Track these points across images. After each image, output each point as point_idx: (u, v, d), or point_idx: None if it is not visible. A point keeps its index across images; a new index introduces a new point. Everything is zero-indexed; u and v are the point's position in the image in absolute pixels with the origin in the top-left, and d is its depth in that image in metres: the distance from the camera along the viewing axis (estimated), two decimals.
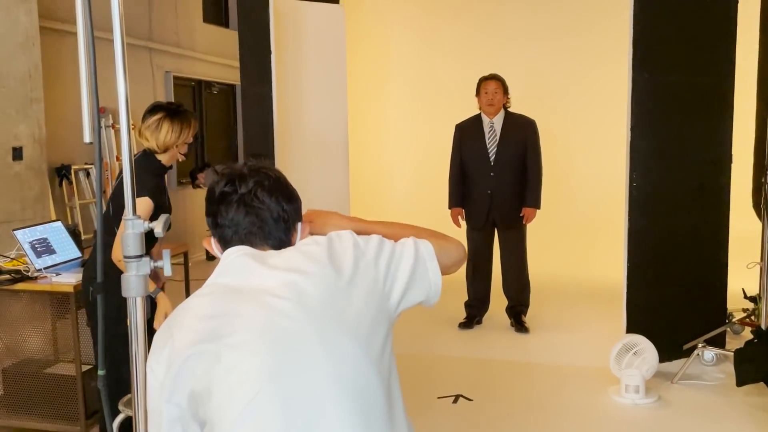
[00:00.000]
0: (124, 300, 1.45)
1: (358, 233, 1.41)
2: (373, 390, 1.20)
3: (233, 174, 1.36)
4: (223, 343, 1.17)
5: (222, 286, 1.27)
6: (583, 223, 7.28)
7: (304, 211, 1.47)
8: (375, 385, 1.21)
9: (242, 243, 1.33)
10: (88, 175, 6.34)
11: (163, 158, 2.94)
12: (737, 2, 4.06)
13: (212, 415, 1.16)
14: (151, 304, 2.85)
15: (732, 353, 3.67)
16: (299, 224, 1.40)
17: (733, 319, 4.47)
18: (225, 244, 1.36)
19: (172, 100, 7.61)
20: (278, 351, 1.17)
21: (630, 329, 3.90)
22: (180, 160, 3.03)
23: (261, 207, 1.33)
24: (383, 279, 1.30)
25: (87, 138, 1.39)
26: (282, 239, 1.36)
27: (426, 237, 1.43)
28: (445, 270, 1.41)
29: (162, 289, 3.00)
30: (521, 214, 4.83)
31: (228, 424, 1.14)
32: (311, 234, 1.42)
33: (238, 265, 1.28)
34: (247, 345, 1.17)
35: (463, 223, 5.02)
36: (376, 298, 1.28)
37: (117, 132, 6.48)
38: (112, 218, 2.79)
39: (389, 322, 1.30)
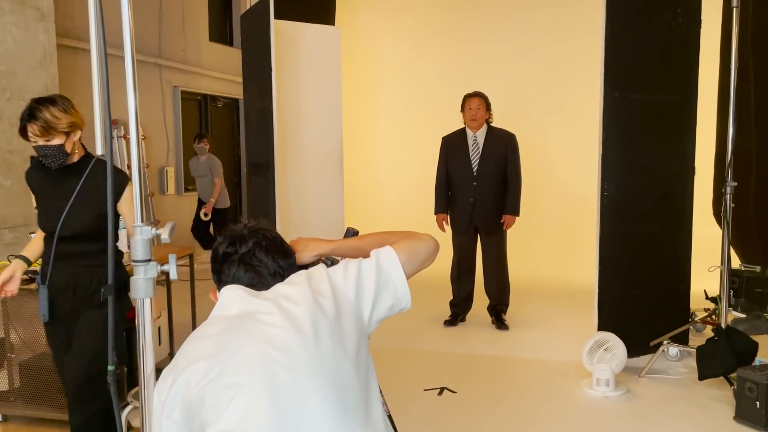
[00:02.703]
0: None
1: (336, 251, 1.55)
2: (350, 381, 1.23)
3: (234, 235, 1.42)
4: (217, 355, 1.20)
5: (221, 317, 1.31)
6: (559, 229, 7.30)
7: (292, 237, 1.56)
8: (352, 377, 1.24)
9: None
10: None
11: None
12: (700, 29, 4.09)
13: (206, 416, 1.17)
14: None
15: (695, 350, 3.68)
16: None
17: (696, 318, 4.48)
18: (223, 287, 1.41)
19: (180, 114, 7.62)
20: (265, 350, 1.20)
21: (601, 327, 3.90)
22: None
23: (259, 265, 1.39)
24: (354, 295, 1.36)
25: (99, 150, 1.38)
26: (264, 284, 1.41)
27: (396, 240, 1.48)
28: (419, 266, 1.47)
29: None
30: (501, 221, 4.84)
31: (221, 417, 1.14)
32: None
33: (234, 296, 1.33)
34: (238, 349, 1.20)
35: (449, 229, 5.02)
36: (350, 311, 1.33)
37: (128, 142, 6.45)
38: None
39: (362, 331, 1.34)
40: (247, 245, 1.40)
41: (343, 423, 1.17)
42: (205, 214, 7.16)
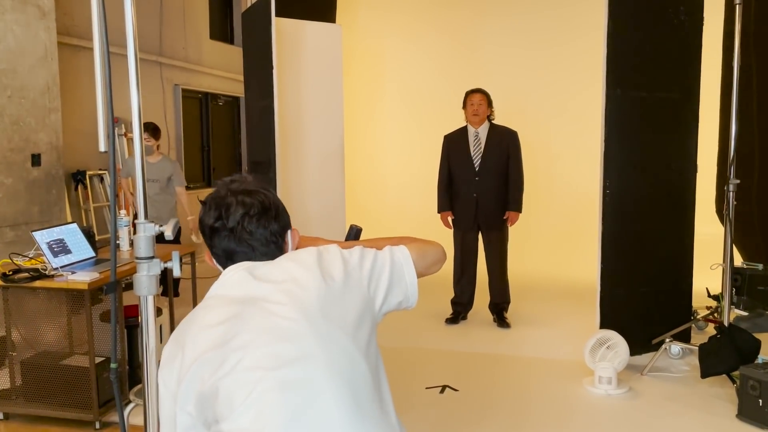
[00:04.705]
0: None
1: None
2: (362, 376, 1.22)
3: (219, 205, 1.33)
4: (228, 346, 1.18)
5: (223, 297, 1.27)
6: (561, 226, 7.30)
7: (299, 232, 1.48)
8: (364, 371, 1.22)
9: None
10: (101, 180, 6.31)
11: None
12: (702, 26, 4.08)
13: (220, 410, 1.16)
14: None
15: (697, 347, 3.68)
16: (289, 233, 1.40)
17: (698, 316, 4.49)
18: (223, 264, 1.37)
19: (181, 112, 7.62)
20: (278, 345, 1.18)
21: (603, 325, 3.90)
22: None
23: (250, 238, 1.33)
24: (367, 283, 1.33)
25: (102, 147, 1.38)
26: (275, 255, 1.36)
27: (407, 243, 1.46)
28: (427, 269, 1.45)
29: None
30: (505, 217, 4.85)
31: (234, 414, 1.13)
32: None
33: (237, 279, 1.29)
34: (250, 343, 1.18)
35: (451, 227, 5.03)
36: (362, 299, 1.30)
37: (129, 140, 6.45)
38: None
39: (373, 321, 1.31)
40: (235, 217, 1.32)
41: (357, 420, 1.16)
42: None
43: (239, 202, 1.33)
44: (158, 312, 3.85)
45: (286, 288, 1.25)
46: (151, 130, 5.53)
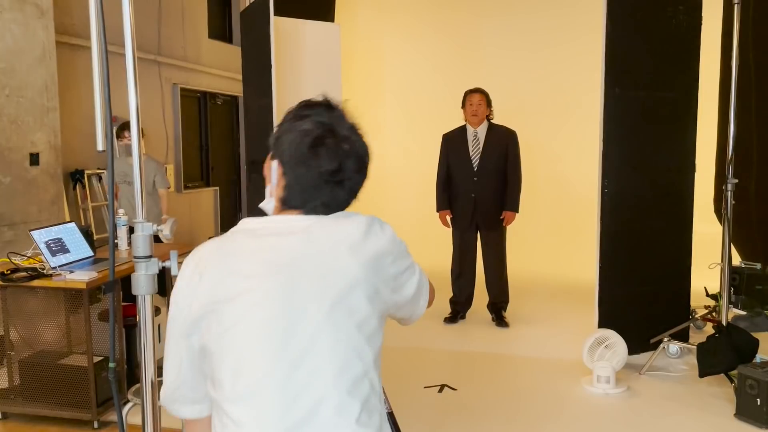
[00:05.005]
0: None
1: None
2: (369, 385, 1.20)
3: (339, 155, 1.21)
4: (244, 314, 1.13)
5: (263, 244, 1.18)
6: (559, 226, 7.30)
7: None
8: (373, 379, 1.21)
9: (302, 208, 1.22)
10: (100, 179, 6.30)
11: None
12: (701, 25, 4.09)
13: (219, 375, 1.14)
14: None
15: (695, 347, 3.68)
16: None
17: (696, 316, 4.49)
18: (285, 192, 1.23)
19: (179, 111, 7.61)
20: (293, 338, 1.13)
21: (601, 324, 3.91)
22: None
23: (343, 191, 1.23)
24: (393, 281, 1.25)
25: (100, 146, 1.38)
26: (342, 209, 1.26)
27: None
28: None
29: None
30: (501, 217, 4.85)
31: (234, 394, 1.13)
32: None
33: (289, 226, 1.20)
34: (266, 326, 1.13)
35: (449, 226, 5.04)
36: (385, 299, 1.24)
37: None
38: None
39: (383, 324, 1.27)
40: (347, 172, 1.21)
41: (356, 428, 1.16)
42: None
43: (356, 157, 1.23)
44: (156, 311, 3.86)
45: (325, 267, 1.16)
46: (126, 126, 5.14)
